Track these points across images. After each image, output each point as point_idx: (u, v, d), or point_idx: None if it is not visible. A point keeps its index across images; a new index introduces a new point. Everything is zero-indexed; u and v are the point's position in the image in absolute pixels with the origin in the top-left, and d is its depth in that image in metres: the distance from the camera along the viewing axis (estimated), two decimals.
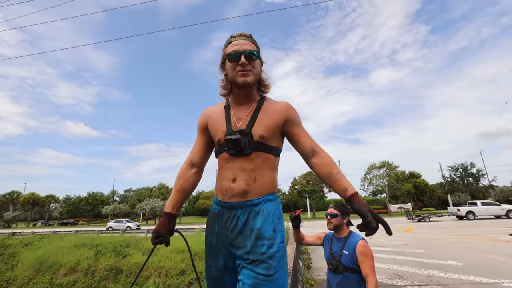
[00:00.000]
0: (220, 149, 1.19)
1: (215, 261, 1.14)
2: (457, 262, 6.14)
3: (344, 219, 1.95)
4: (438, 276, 5.06)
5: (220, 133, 1.18)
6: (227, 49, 1.19)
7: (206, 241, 1.21)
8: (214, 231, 1.17)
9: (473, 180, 40.47)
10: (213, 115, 1.26)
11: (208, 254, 1.18)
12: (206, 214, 46.12)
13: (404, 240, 10.50)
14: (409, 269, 5.70)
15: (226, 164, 1.16)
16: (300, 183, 43.84)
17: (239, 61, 1.14)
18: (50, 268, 8.22)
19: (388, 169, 43.41)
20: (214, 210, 1.21)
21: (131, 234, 13.86)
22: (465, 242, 9.09)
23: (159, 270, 7.72)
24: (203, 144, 1.31)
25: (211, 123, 1.24)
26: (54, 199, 54.34)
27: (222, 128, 1.18)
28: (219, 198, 1.19)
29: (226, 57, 1.18)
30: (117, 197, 63.64)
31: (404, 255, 7.18)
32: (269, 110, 1.21)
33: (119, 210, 49.72)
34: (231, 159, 1.14)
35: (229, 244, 1.11)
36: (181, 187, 1.27)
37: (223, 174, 1.17)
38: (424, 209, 47.10)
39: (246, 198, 1.11)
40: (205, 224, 1.26)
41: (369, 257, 1.77)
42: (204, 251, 1.22)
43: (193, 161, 1.31)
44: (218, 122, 1.21)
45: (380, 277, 5.12)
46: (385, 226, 1.03)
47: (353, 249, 1.81)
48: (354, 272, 1.81)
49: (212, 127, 1.24)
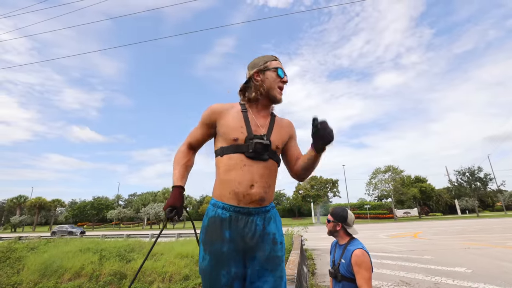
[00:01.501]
0: (236, 149, 1.17)
1: (227, 269, 1.07)
2: (466, 269, 6.01)
3: (337, 226, 1.90)
4: (446, 283, 4.95)
5: (238, 133, 1.18)
6: (272, 63, 1.31)
7: (210, 249, 1.10)
8: (224, 238, 1.09)
9: (481, 184, 39.66)
10: (228, 113, 1.24)
11: (215, 263, 1.08)
12: None
13: (411, 246, 10.32)
14: (416, 275, 5.59)
15: (243, 167, 1.14)
16: (304, 187, 43.55)
17: (283, 79, 1.31)
18: (55, 273, 8.27)
19: (393, 174, 42.92)
20: (221, 215, 1.12)
21: (135, 239, 13.89)
22: (474, 248, 8.90)
23: (162, 275, 7.70)
24: (204, 136, 1.32)
25: (225, 120, 1.22)
26: (60, 204, 54.75)
27: (242, 129, 1.19)
28: (231, 203, 1.13)
29: (272, 68, 1.29)
30: (121, 201, 64.04)
31: (411, 262, 7.05)
32: (281, 124, 1.35)
33: (123, 214, 49.91)
34: (250, 162, 1.15)
35: (247, 250, 1.11)
36: (186, 163, 1.30)
37: (239, 178, 1.13)
38: (431, 214, 46.30)
39: (262, 205, 1.17)
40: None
41: (364, 268, 1.67)
42: (204, 259, 1.10)
43: (192, 145, 1.35)
44: (236, 121, 1.21)
45: (386, 284, 5.03)
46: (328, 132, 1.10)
47: (349, 259, 1.75)
48: (353, 282, 1.73)
49: (227, 124, 1.21)
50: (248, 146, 1.16)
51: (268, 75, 1.28)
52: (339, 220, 1.89)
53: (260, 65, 1.29)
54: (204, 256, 1.11)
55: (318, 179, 43.24)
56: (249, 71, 1.32)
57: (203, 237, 1.15)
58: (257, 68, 1.28)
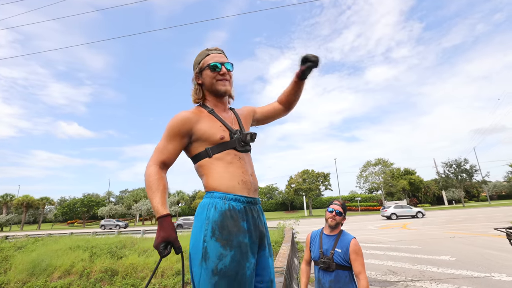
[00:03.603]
0: (225, 146, 1.20)
1: (249, 261, 1.06)
2: (450, 257, 6.23)
3: (343, 220, 1.99)
4: (431, 271, 5.13)
5: (222, 132, 1.20)
6: (206, 60, 1.30)
7: (232, 244, 1.04)
8: (243, 230, 1.09)
9: (467, 176, 41.00)
10: (200, 117, 1.23)
11: (240, 256, 1.04)
12: None
13: (399, 236, 10.62)
14: (402, 264, 5.77)
15: (239, 159, 1.20)
16: (296, 181, 43.98)
17: (220, 71, 1.28)
18: (44, 271, 8.14)
19: (383, 166, 43.82)
20: (235, 207, 1.11)
21: (127, 235, 13.77)
22: (459, 237, 9.23)
23: (161, 271, 7.68)
24: (178, 150, 1.22)
25: (202, 124, 1.21)
26: (49, 201, 53.65)
27: (222, 128, 1.22)
28: (243, 193, 1.15)
29: (205, 67, 1.29)
30: (113, 198, 63.23)
31: (399, 251, 7.26)
32: (242, 114, 1.41)
33: (115, 211, 49.36)
34: (241, 155, 1.22)
35: (260, 239, 1.18)
36: (164, 188, 1.14)
37: (241, 169, 1.18)
38: (419, 205, 47.66)
39: (257, 193, 1.27)
40: (215, 225, 1.07)
41: (361, 255, 1.85)
42: (224, 257, 1.02)
43: (166, 163, 1.21)
44: (213, 123, 1.22)
45: (374, 273, 5.17)
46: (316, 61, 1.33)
47: (347, 247, 1.86)
48: (346, 269, 1.85)
49: (207, 127, 1.21)
50: (235, 142, 1.21)
51: (205, 74, 1.30)
52: (345, 214, 2.00)
53: (196, 68, 1.32)
54: (224, 253, 1.02)
55: (310, 172, 43.72)
56: (193, 73, 1.35)
57: (218, 234, 1.05)
58: (194, 73, 1.33)
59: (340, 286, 1.83)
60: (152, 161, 1.18)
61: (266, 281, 1.16)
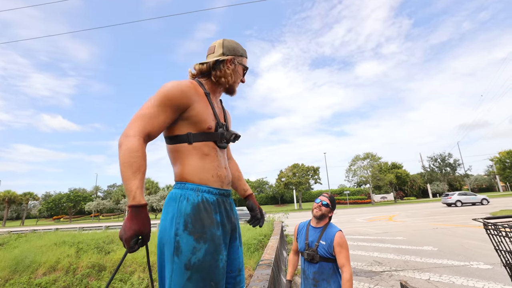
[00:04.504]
0: (208, 137, 1.12)
1: (222, 253, 1.04)
2: (432, 247, 6.47)
3: (331, 212, 1.99)
4: (414, 261, 5.31)
5: (211, 121, 1.13)
6: (245, 60, 1.31)
7: (206, 236, 1.00)
8: (216, 222, 1.06)
9: (451, 169, 42.49)
10: (198, 97, 1.12)
11: (214, 249, 1.00)
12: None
13: (386, 228, 10.92)
14: (388, 255, 5.94)
15: (216, 152, 1.16)
16: (286, 175, 44.35)
17: (243, 79, 1.32)
18: (27, 268, 7.92)
19: (371, 161, 44.69)
20: (208, 199, 1.06)
21: (114, 230, 13.57)
22: (441, 228, 9.58)
23: (143, 266, 7.62)
24: (168, 122, 1.07)
25: (199, 105, 1.11)
26: (33, 197, 51.99)
27: (212, 117, 1.15)
28: (215, 186, 1.11)
29: (241, 65, 1.29)
30: (100, 193, 61.98)
31: (384, 243, 7.47)
32: (227, 112, 1.38)
33: (102, 206, 48.48)
34: (219, 149, 1.19)
35: (232, 230, 1.18)
36: (145, 169, 0.95)
37: (216, 162, 1.15)
38: (406, 198, 49.12)
39: (230, 186, 1.26)
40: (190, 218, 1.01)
41: (345, 248, 1.85)
42: (198, 251, 0.97)
43: (151, 136, 1.02)
44: (207, 107, 1.14)
45: (360, 264, 5.31)
46: (262, 219, 1.41)
47: (331, 240, 1.86)
48: (329, 261, 1.87)
49: (202, 111, 1.11)
50: (219, 136, 1.16)
51: (238, 68, 1.27)
52: (333, 207, 2.00)
53: (238, 56, 1.27)
54: (197, 247, 0.97)
55: (300, 166, 44.15)
56: (222, 50, 1.23)
57: (190, 227, 0.98)
58: (233, 57, 1.25)
59: (324, 277, 1.85)
60: (136, 131, 0.97)
61: (235, 270, 1.18)
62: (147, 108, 1.01)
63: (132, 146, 0.93)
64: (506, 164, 40.89)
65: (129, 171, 0.90)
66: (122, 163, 0.92)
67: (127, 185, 0.90)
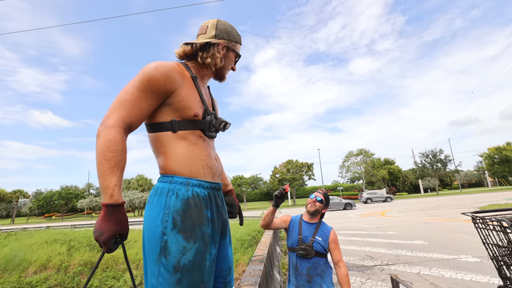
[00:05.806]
0: (194, 125, 1.02)
1: (210, 252, 0.97)
2: (423, 241, 6.59)
3: (324, 209, 2.01)
4: (405, 255, 5.40)
5: (198, 108, 1.03)
6: (238, 47, 1.22)
7: (196, 235, 0.92)
8: (206, 219, 0.97)
9: (442, 165, 43.35)
10: (184, 83, 1.02)
11: (204, 249, 0.93)
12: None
13: (378, 223, 11.09)
14: (379, 250, 6.03)
15: (204, 141, 1.06)
16: (280, 171, 44.54)
17: (234, 66, 1.24)
18: (18, 267, 7.80)
19: (364, 157, 45.26)
20: (199, 194, 0.98)
21: None
22: (432, 223, 9.77)
23: (136, 263, 7.59)
24: (151, 109, 0.97)
25: (184, 91, 1.00)
26: (23, 194, 51.13)
27: (199, 103, 1.04)
28: (207, 179, 1.03)
29: (234, 51, 1.20)
30: (93, 190, 61.18)
31: (377, 237, 7.58)
32: (215, 100, 1.28)
33: (95, 203, 47.93)
34: (206, 138, 1.08)
35: (223, 227, 1.11)
36: (124, 164, 0.87)
37: (205, 152, 1.05)
38: (398, 194, 49.95)
39: (220, 179, 1.16)
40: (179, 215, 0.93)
41: (338, 244, 1.96)
42: (188, 251, 0.90)
43: (132, 126, 0.93)
44: (193, 93, 1.04)
45: (353, 259, 5.37)
46: (240, 217, 1.35)
47: (327, 237, 1.92)
48: (322, 257, 1.91)
49: (188, 96, 1.01)
50: (206, 123, 1.05)
51: (230, 55, 1.18)
52: (327, 204, 2.01)
53: (231, 42, 1.17)
54: (187, 246, 0.89)
55: (294, 162, 44.38)
56: (215, 31, 1.13)
57: (180, 226, 0.90)
58: (226, 41, 1.15)
59: (318, 272, 1.86)
60: (117, 121, 0.88)
61: (225, 269, 1.11)
62: (128, 93, 0.91)
63: (111, 138, 0.84)
64: (495, 160, 41.95)
65: (106, 166, 0.82)
66: (99, 156, 0.83)
67: (103, 181, 0.82)
